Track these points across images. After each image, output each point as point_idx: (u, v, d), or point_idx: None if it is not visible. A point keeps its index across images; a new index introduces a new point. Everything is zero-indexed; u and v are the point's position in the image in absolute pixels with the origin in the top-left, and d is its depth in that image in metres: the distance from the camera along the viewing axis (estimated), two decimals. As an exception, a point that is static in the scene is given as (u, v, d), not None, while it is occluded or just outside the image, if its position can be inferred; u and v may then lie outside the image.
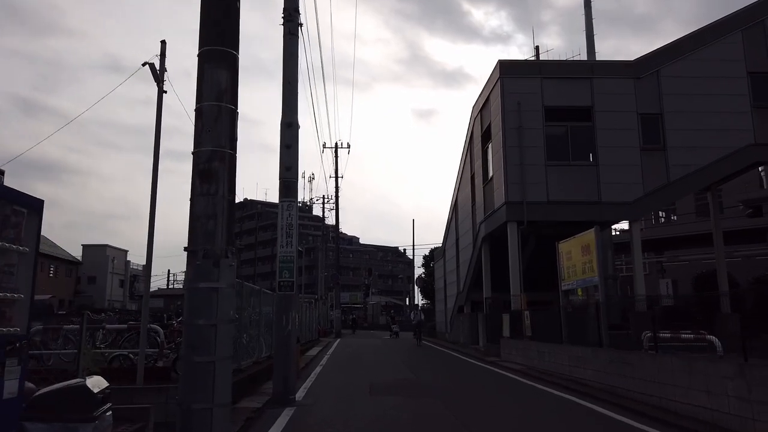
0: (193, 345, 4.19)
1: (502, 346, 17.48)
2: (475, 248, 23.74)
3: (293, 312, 9.41)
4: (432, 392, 10.50)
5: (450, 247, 30.71)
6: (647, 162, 19.10)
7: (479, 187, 23.04)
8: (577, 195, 18.96)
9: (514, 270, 18.69)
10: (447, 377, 13.37)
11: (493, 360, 16.91)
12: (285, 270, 9.44)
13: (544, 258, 22.18)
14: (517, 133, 19.16)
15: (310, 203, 63.90)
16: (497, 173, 20.05)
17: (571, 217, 18.96)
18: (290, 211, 9.58)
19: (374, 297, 69.75)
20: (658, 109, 19.43)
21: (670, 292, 31.46)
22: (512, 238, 18.86)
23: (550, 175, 19.05)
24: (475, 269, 24.03)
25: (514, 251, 18.80)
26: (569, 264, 12.42)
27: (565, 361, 12.19)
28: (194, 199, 4.41)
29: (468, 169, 25.61)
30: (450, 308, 30.24)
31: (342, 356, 19.55)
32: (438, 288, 35.21)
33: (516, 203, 18.82)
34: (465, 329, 25.44)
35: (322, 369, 14.88)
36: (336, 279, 38.18)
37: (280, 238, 9.58)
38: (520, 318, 16.40)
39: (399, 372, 14.20)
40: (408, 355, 20.16)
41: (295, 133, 9.70)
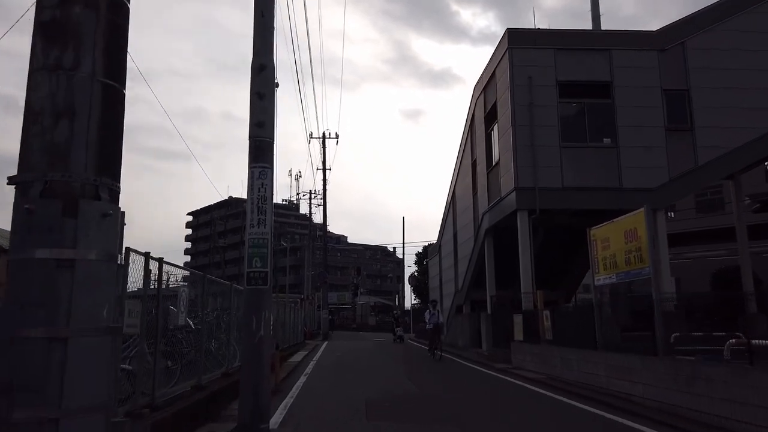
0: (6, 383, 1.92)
1: (513, 350, 15.31)
2: (477, 242, 21.57)
3: (267, 312, 7.13)
4: (447, 414, 8.28)
5: (447, 243, 28.52)
6: (673, 143, 17.06)
7: (482, 174, 20.88)
8: (595, 180, 16.88)
9: (526, 265, 16.54)
10: (458, 390, 11.16)
11: (504, 367, 14.73)
12: (256, 257, 7.16)
13: (554, 253, 20.09)
14: (527, 110, 17.01)
15: (297, 201, 61.65)
16: (504, 157, 17.88)
17: (589, 204, 16.89)
18: (263, 179, 7.30)
19: (363, 297, 67.40)
20: (685, 85, 17.41)
21: (674, 290, 29.71)
22: (523, 229, 16.70)
23: (564, 158, 16.94)
24: (477, 265, 21.87)
25: (525, 243, 16.65)
26: (606, 254, 10.26)
27: (601, 371, 10.03)
28: (32, 81, 2.14)
29: (468, 155, 23.44)
30: (447, 308, 28.03)
31: (331, 363, 17.27)
32: (433, 287, 33.02)
33: (527, 189, 16.67)
34: (465, 331, 23.26)
35: (307, 380, 12.60)
36: (323, 277, 35.81)
37: (249, 216, 7.31)
38: (535, 319, 14.23)
39: (398, 383, 11.97)
40: (404, 360, 17.93)
41: (269, 79, 7.42)
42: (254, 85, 7.45)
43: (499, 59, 18.29)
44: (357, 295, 57.37)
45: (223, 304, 12.00)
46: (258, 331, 7.03)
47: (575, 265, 22.44)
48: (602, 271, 10.43)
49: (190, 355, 9.79)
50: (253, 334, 7.01)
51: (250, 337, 7.02)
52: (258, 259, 7.20)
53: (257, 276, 7.16)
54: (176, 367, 7.85)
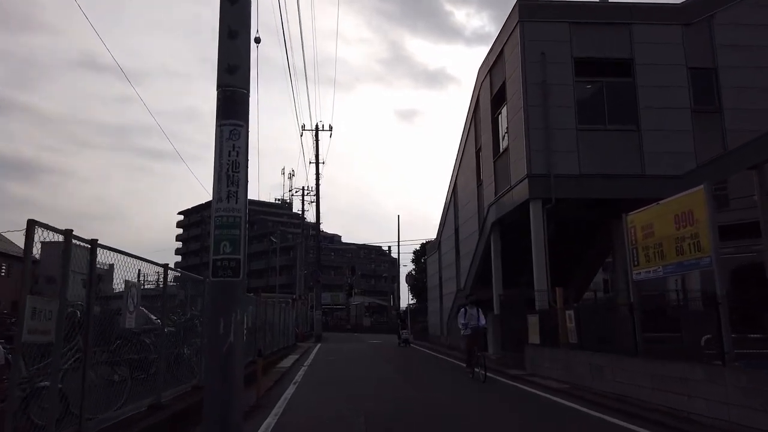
0: None
1: (529, 355, 13.72)
2: (482, 236, 19.97)
3: (239, 312, 5.49)
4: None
5: (447, 239, 26.92)
6: (700, 126, 15.53)
7: (488, 163, 19.28)
8: (616, 167, 15.32)
9: (539, 260, 14.95)
10: (475, 404, 9.52)
11: (518, 374, 13.13)
12: (225, 241, 5.52)
13: (563, 249, 18.50)
14: (540, 89, 15.43)
15: (290, 200, 59.96)
16: (515, 142, 16.29)
17: (608, 193, 15.36)
18: (235, 141, 5.68)
19: (357, 297, 65.76)
20: (712, 63, 15.91)
21: (680, 288, 28.32)
22: (536, 220, 15.11)
23: (582, 142, 15.37)
24: (482, 261, 20.27)
25: (538, 236, 15.06)
26: (649, 243, 8.67)
27: (645, 382, 8.44)
28: None
29: (472, 144, 21.84)
30: (447, 308, 26.43)
31: (323, 368, 15.61)
32: (431, 285, 31.41)
33: (540, 176, 15.08)
34: (468, 333, 21.63)
35: (296, 390, 10.96)
36: (316, 276, 34.10)
37: (216, 187, 5.68)
38: (553, 319, 12.65)
39: (400, 391, 10.34)
40: (404, 365, 16.30)
41: (244, 12, 5.78)
42: (225, 19, 5.81)
43: (508, 35, 16.70)
44: (351, 295, 55.74)
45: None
46: (227, 336, 5.40)
47: (585, 263, 20.93)
48: (644, 263, 8.84)
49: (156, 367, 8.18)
50: (219, 341, 5.37)
51: (216, 345, 5.39)
52: (227, 244, 5.57)
53: (226, 265, 5.53)
54: (126, 381, 6.19)
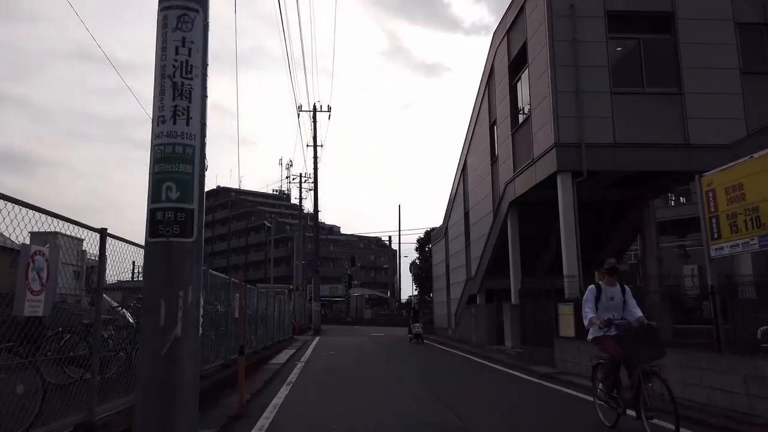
0: None
1: (559, 350, 11.85)
2: (497, 219, 18.08)
3: (192, 291, 3.60)
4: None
5: (455, 224, 25.01)
6: (750, 89, 13.61)
7: (505, 136, 17.34)
8: (656, 135, 13.41)
9: (570, 241, 13.07)
10: (515, 416, 7.63)
11: (548, 372, 11.27)
12: (169, 182, 3.65)
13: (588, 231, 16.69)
14: (570, 47, 13.50)
15: (288, 190, 58.09)
16: (539, 109, 14.36)
17: (648, 164, 13.51)
18: (186, 32, 3.79)
19: (357, 289, 63.90)
20: (763, 18, 13.99)
21: (696, 278, 26.47)
22: (565, 196, 13.22)
23: (617, 107, 13.45)
24: (496, 247, 18.39)
25: (568, 214, 13.16)
26: (737, 208, 6.77)
27: (738, 387, 6.56)
28: None
29: (485, 118, 19.90)
30: (455, 299, 24.58)
31: (322, 366, 13.75)
32: (437, 275, 29.54)
33: (570, 146, 13.18)
34: (481, 325, 19.81)
35: (289, 393, 9.08)
36: (315, 266, 32.18)
37: (158, 101, 3.77)
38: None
39: (416, 400, 8.46)
40: (416, 362, 14.44)
41: None
42: None
43: (531, -12, 14.73)
44: (351, 286, 53.88)
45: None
46: (170, 328, 3.54)
47: (610, 247, 19.01)
48: (728, 235, 6.93)
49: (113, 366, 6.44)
50: (158, 337, 3.50)
51: (152, 344, 3.50)
52: (173, 186, 3.70)
53: (170, 218, 3.63)
54: (38, 392, 4.27)
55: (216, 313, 10.46)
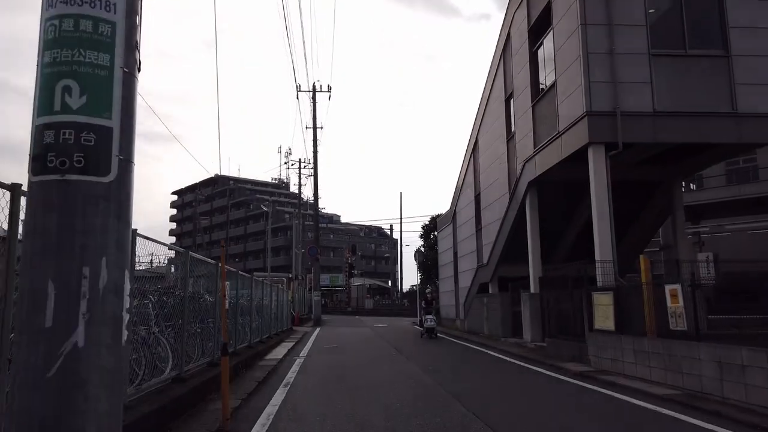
0: None
1: (594, 345, 10.40)
2: (513, 201, 16.59)
3: (106, 268, 2.07)
4: None
5: (464, 209, 23.50)
6: (807, 51, 12.07)
7: (524, 109, 15.80)
8: (699, 103, 11.89)
9: (603, 222, 11.58)
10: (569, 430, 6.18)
11: (583, 370, 9.84)
12: (69, 78, 2.07)
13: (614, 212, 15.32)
14: (603, 3, 11.95)
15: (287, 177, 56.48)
16: (566, 75, 12.81)
17: (690, 137, 12.02)
18: None
19: (357, 279, 62.53)
20: (821, -31, 12.43)
21: (712, 267, 25.05)
22: (598, 171, 11.71)
23: (656, 71, 11.92)
24: (512, 231, 16.92)
25: (601, 191, 11.66)
26: None
27: None
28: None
29: (500, 91, 18.32)
30: (464, 288, 23.14)
31: (324, 362, 12.32)
32: (443, 263, 28.08)
33: (603, 114, 11.67)
34: (494, 316, 18.37)
35: (285, 399, 7.65)
36: (315, 254, 30.69)
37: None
38: (636, 298, 9.33)
39: (437, 407, 7.01)
40: (428, 357, 13.00)
41: None
42: None
43: (557, -61, 13.14)
44: (352, 275, 52.49)
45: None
46: (66, 331, 1.98)
47: (638, 230, 17.50)
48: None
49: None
50: (42, 345, 1.92)
51: (31, 356, 1.94)
52: (74, 88, 2.12)
53: (68, 141, 2.06)
54: None
55: (201, 302, 8.99)
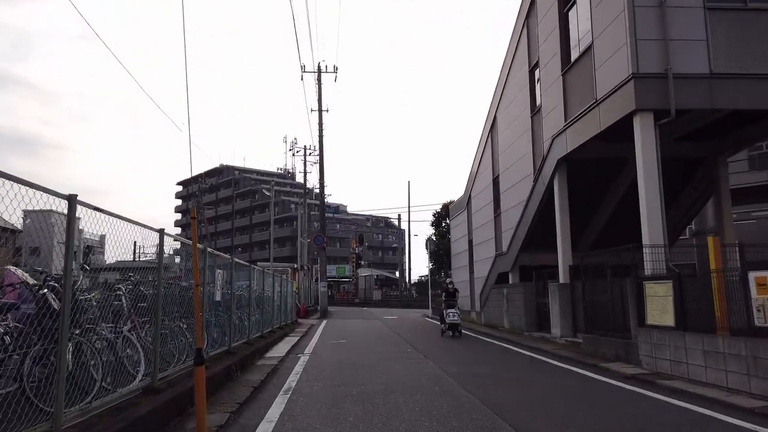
0: None
1: (648, 344, 8.90)
2: (539, 181, 15.06)
3: None
4: None
5: (480, 194, 21.98)
6: None
7: (552, 78, 14.23)
8: (762, 64, 10.29)
9: (653, 201, 10.06)
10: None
11: (636, 373, 8.39)
12: None
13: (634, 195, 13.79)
14: (650, -51, 10.35)
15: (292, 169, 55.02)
16: (606, 34, 11.24)
17: (754, 102, 10.38)
18: None
19: (364, 270, 61.16)
20: None
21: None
22: (646, 142, 10.17)
23: (713, 27, 10.33)
24: (536, 216, 15.42)
25: (650, 165, 10.13)
26: None
27: None
28: None
29: (523, 61, 16.72)
30: (480, 278, 21.68)
31: (332, 361, 10.91)
32: (457, 252, 26.60)
33: (652, 77, 10.13)
34: (516, 308, 16.89)
35: (284, 412, 6.24)
36: (321, 242, 29.25)
37: None
38: (702, 289, 7.83)
39: (473, 422, 5.55)
40: (448, 355, 11.57)
41: None
42: None
43: None
44: (359, 266, 51.08)
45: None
46: None
47: (677, 210, 15.93)
48: None
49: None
50: None
51: None
52: None
53: None
54: None
55: (182, 295, 7.57)
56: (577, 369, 9.31)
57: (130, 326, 6.53)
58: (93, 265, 6.50)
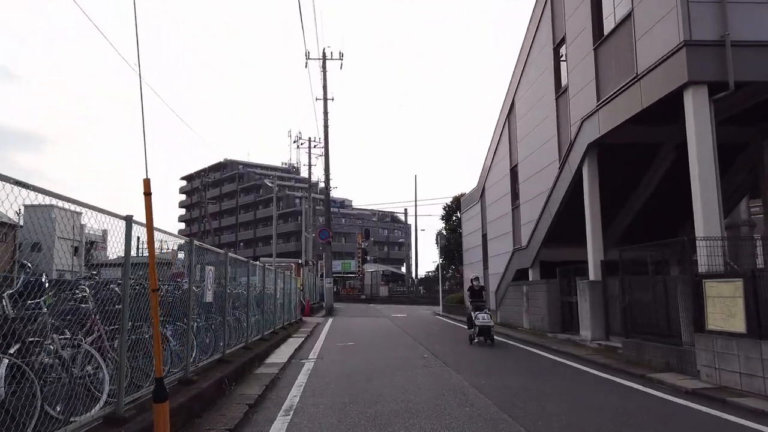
0: None
1: (709, 353, 7.63)
2: (565, 169, 13.78)
3: None
4: None
5: (496, 184, 20.69)
6: None
7: (581, 55, 12.92)
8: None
9: (708, 186, 8.77)
10: None
11: (699, 388, 7.16)
12: None
13: (683, 180, 12.50)
14: None
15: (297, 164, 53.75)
16: (648, 0, 9.92)
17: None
18: None
19: (369, 265, 59.94)
20: None
21: None
22: (700, 121, 8.88)
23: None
24: (562, 206, 14.15)
25: (704, 146, 8.84)
26: None
27: None
28: None
29: (545, 39, 15.39)
30: (495, 274, 20.42)
31: (340, 370, 9.70)
32: (469, 247, 25.34)
33: (707, 45, 8.83)
34: (538, 307, 15.64)
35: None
36: (326, 236, 28.03)
37: None
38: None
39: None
40: (469, 361, 10.34)
41: None
42: None
43: None
44: (365, 261, 49.89)
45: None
46: None
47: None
48: None
49: None
50: None
51: None
52: None
53: None
54: None
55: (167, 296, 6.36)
56: (624, 381, 8.06)
57: (95, 336, 5.34)
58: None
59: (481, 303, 13.52)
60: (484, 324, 12.87)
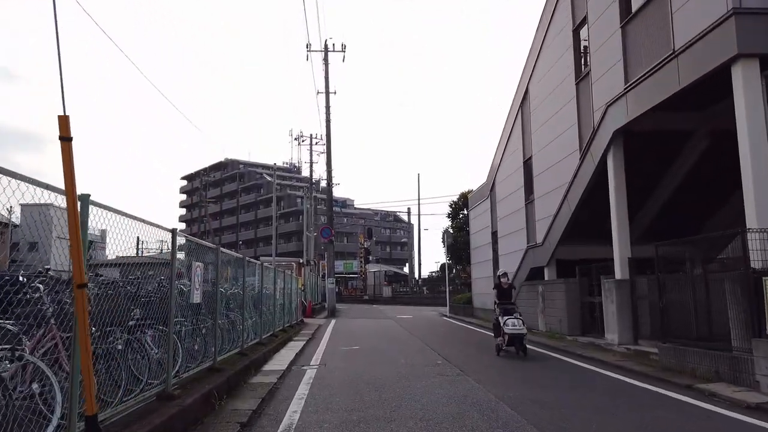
0: None
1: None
2: (587, 159, 12.80)
3: None
4: None
5: (507, 179, 19.70)
6: None
7: (605, 35, 11.92)
8: None
9: (762, 175, 7.79)
10: None
11: (764, 402, 6.13)
12: None
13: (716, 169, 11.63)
14: None
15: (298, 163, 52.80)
16: (687, -34, 8.93)
17: None
18: None
19: (373, 265, 58.94)
20: None
21: None
22: (751, 98, 7.91)
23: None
24: (582, 200, 13.17)
25: (756, 129, 7.90)
26: None
27: None
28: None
29: (564, 21, 14.37)
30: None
31: (345, 378, 8.73)
32: (477, 245, 24.34)
33: (759, 13, 7.86)
34: (556, 309, 14.64)
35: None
36: (328, 235, 27.05)
37: None
38: None
39: None
40: (486, 368, 9.35)
41: None
42: None
43: None
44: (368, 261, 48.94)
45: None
46: None
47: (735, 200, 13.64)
48: None
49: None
50: None
51: None
52: None
53: None
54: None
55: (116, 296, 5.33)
56: (670, 392, 7.06)
57: (49, 346, 4.36)
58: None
59: (510, 306, 11.56)
60: (516, 332, 10.69)
